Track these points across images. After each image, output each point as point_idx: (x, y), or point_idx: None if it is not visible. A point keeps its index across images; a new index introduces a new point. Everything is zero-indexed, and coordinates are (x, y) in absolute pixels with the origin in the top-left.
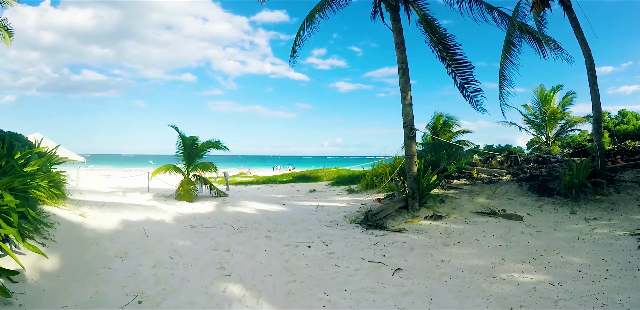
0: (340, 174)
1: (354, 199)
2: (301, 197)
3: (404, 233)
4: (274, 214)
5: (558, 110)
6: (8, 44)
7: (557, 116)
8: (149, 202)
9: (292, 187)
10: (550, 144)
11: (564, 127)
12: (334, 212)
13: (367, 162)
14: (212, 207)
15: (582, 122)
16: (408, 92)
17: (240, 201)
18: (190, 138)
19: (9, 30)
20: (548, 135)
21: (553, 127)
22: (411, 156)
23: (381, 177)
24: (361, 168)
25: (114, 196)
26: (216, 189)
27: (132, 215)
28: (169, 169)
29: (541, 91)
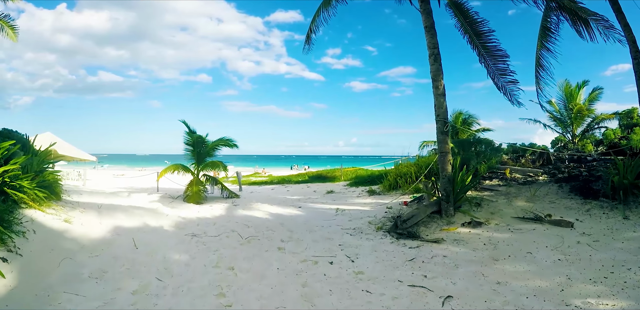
0: (358, 173)
1: (377, 201)
2: (318, 199)
3: (442, 244)
4: (289, 219)
5: (585, 107)
6: (14, 40)
7: (583, 113)
8: (152, 205)
9: (308, 188)
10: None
11: (590, 125)
12: (357, 217)
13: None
14: (220, 210)
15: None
16: (440, 80)
17: (252, 203)
18: (200, 135)
19: (12, 27)
20: (574, 133)
21: (579, 125)
22: (445, 154)
23: (405, 178)
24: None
25: (116, 197)
26: (227, 190)
27: (128, 220)
28: (177, 168)
29: (566, 87)
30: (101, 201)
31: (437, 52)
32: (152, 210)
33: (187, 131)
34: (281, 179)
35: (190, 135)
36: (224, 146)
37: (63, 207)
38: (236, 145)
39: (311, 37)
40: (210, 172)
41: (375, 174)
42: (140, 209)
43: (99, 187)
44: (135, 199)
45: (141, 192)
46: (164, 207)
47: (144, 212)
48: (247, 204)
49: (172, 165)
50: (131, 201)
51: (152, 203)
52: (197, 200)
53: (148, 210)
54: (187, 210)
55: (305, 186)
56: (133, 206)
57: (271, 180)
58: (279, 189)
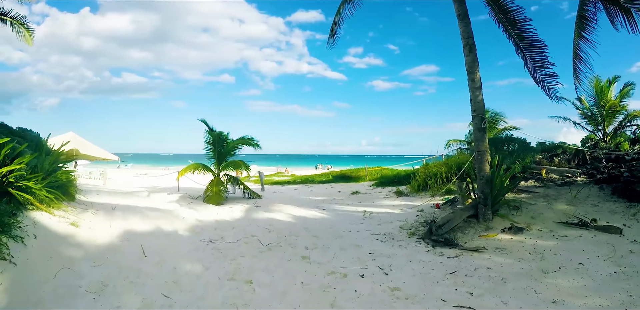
0: (383, 173)
1: (406, 203)
2: (343, 200)
3: (484, 253)
4: (313, 222)
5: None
6: (29, 43)
7: (616, 110)
8: (169, 206)
9: (332, 188)
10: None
11: (622, 123)
12: (386, 221)
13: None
14: (240, 212)
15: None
16: (476, 73)
17: (274, 204)
18: (220, 134)
19: (29, 29)
20: (605, 131)
21: (611, 123)
22: (483, 152)
23: (435, 178)
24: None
25: (134, 197)
26: (249, 190)
27: (141, 223)
28: (198, 168)
29: (596, 83)
30: (117, 202)
31: (472, 42)
32: (169, 212)
33: (207, 130)
34: (304, 179)
35: (210, 134)
36: (246, 145)
37: (75, 209)
38: (258, 145)
39: (335, 31)
40: (232, 172)
41: (401, 173)
42: (156, 211)
43: (120, 186)
44: (153, 200)
45: (161, 192)
46: (181, 208)
47: (160, 214)
48: (269, 205)
49: (192, 165)
50: (149, 202)
51: (170, 204)
52: (218, 200)
53: (164, 212)
54: (205, 212)
55: (329, 186)
56: (149, 207)
57: (294, 180)
58: (302, 189)
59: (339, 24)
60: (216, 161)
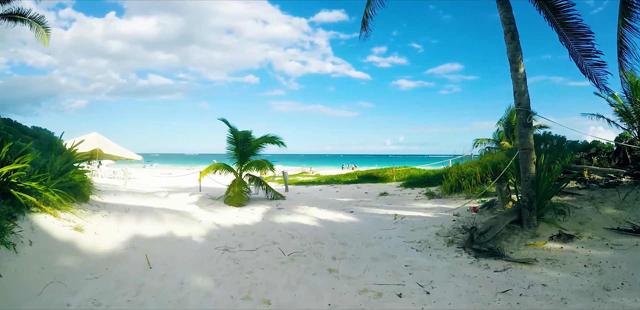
0: (411, 173)
1: (439, 206)
2: (371, 202)
3: (535, 266)
4: (340, 227)
5: None
6: (45, 43)
7: None
8: (187, 207)
9: (359, 189)
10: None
11: None
12: (420, 226)
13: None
14: (262, 214)
15: None
16: (520, 62)
17: (298, 206)
18: (243, 133)
19: (46, 28)
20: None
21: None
22: (528, 151)
23: (469, 179)
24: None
25: (153, 198)
26: (272, 191)
27: (153, 226)
28: (219, 168)
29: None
30: (133, 203)
31: (514, 29)
32: (185, 215)
33: (229, 129)
34: (329, 179)
35: (232, 133)
36: (269, 144)
37: (85, 211)
38: (282, 143)
39: (367, 23)
40: (255, 172)
41: (430, 174)
42: (172, 213)
43: (141, 186)
44: (172, 200)
45: (183, 192)
46: (199, 210)
47: (175, 217)
48: (293, 207)
49: (214, 165)
50: (167, 203)
51: (189, 205)
52: (239, 202)
53: (181, 214)
54: (225, 214)
55: (355, 187)
56: (165, 209)
57: (319, 180)
58: (328, 189)
59: (370, 15)
60: (238, 161)
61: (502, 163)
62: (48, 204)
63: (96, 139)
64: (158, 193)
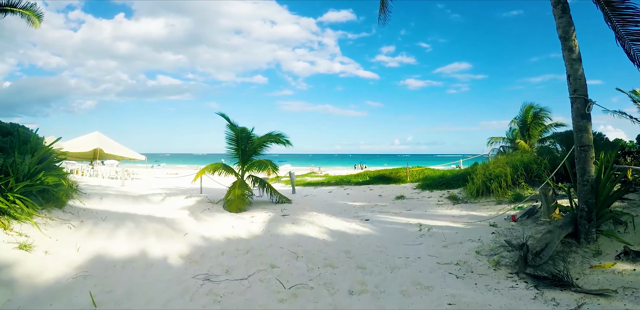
0: (426, 174)
1: (468, 213)
2: (388, 208)
3: (615, 299)
4: (356, 241)
5: None
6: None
7: None
8: (178, 214)
9: (371, 191)
10: None
11: None
12: (454, 241)
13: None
14: (263, 223)
15: None
16: (573, 39)
17: (305, 212)
18: (244, 130)
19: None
20: None
21: None
22: (587, 148)
23: (499, 180)
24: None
25: (144, 202)
26: (277, 194)
27: (126, 243)
28: (218, 168)
29: None
30: (118, 208)
31: (565, 1)
32: (171, 225)
33: (228, 125)
34: (339, 180)
35: (232, 129)
36: (274, 143)
37: (52, 220)
38: (288, 142)
39: (386, 4)
40: (259, 173)
41: (447, 174)
42: (156, 222)
43: (139, 188)
44: (165, 205)
45: (181, 194)
46: (190, 218)
47: (158, 228)
48: (300, 214)
49: (212, 165)
50: (156, 208)
51: (181, 211)
52: (240, 206)
53: (166, 223)
54: (218, 223)
55: (367, 188)
56: (150, 217)
57: (328, 181)
58: (338, 191)
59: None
60: (240, 161)
61: (534, 163)
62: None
63: (97, 138)
64: (153, 196)
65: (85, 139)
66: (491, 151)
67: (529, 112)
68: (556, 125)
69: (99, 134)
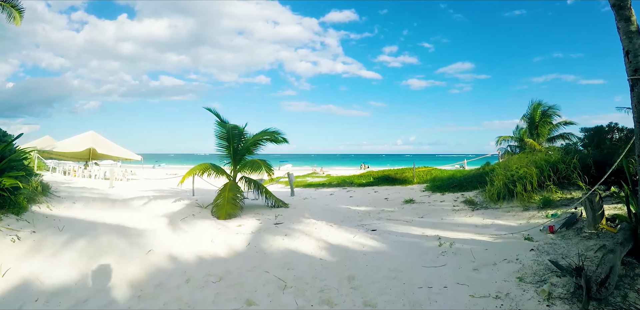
0: (434, 175)
1: (492, 222)
2: (397, 214)
3: None
4: (362, 262)
5: None
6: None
7: None
8: (154, 223)
9: (376, 193)
10: None
11: None
12: (485, 262)
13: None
14: (250, 235)
15: None
16: (629, 8)
17: (302, 220)
18: (235, 127)
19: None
20: None
21: None
22: None
23: (523, 182)
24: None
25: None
26: (272, 198)
27: (69, 264)
28: (207, 169)
29: None
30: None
31: None
32: (137, 237)
33: (217, 121)
34: (341, 181)
35: (222, 126)
36: (270, 141)
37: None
38: (285, 140)
39: None
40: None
41: (456, 175)
42: (120, 234)
43: (127, 190)
44: (146, 210)
45: (170, 197)
46: (164, 228)
47: (119, 242)
48: (295, 222)
49: (200, 166)
50: (133, 215)
51: (159, 219)
52: (229, 211)
53: (133, 235)
54: (197, 235)
55: (371, 190)
56: (119, 227)
57: (329, 182)
58: (340, 193)
59: None
60: (232, 161)
61: (560, 162)
62: None
63: (91, 138)
64: (137, 199)
65: (79, 139)
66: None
67: (537, 110)
68: (565, 124)
69: (93, 133)
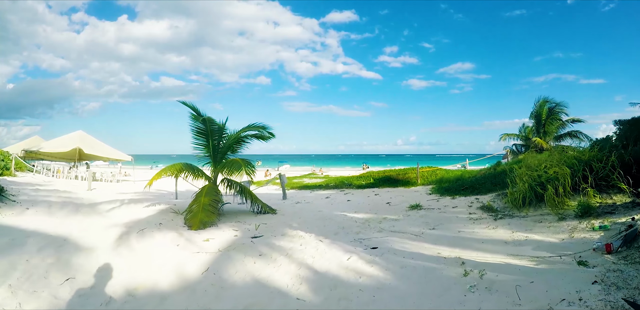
0: (439, 175)
1: (526, 236)
2: (402, 224)
3: None
4: (357, 304)
5: None
6: None
7: None
8: (100, 235)
9: (377, 196)
10: None
11: None
12: (538, 305)
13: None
14: (214, 256)
15: None
16: None
17: (287, 232)
18: (211, 120)
19: None
20: None
21: None
22: None
23: (554, 185)
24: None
25: (77, 215)
26: (259, 203)
27: None
28: (181, 170)
29: None
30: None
31: None
32: (68, 254)
33: (192, 115)
34: (339, 182)
35: (196, 119)
36: (256, 138)
37: None
38: (271, 134)
39: None
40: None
41: (464, 176)
42: (51, 251)
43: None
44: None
45: (149, 200)
46: (111, 242)
47: (40, 263)
48: (278, 235)
49: (173, 166)
50: (87, 224)
51: (113, 230)
52: (204, 220)
53: (65, 252)
54: (145, 255)
55: (371, 193)
56: (58, 239)
57: (327, 184)
58: (337, 196)
59: None
60: (212, 160)
61: (595, 160)
62: None
63: (79, 137)
64: (105, 204)
65: (65, 139)
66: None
67: (544, 108)
68: (573, 122)
69: (81, 133)
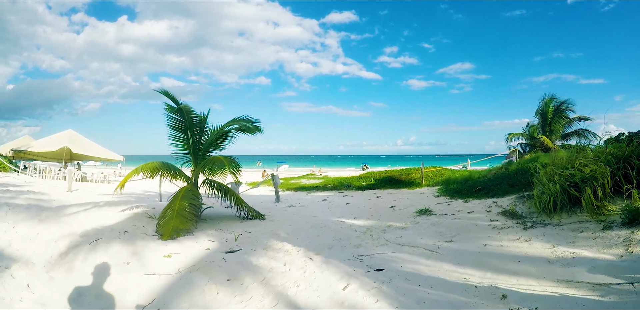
0: (445, 175)
1: (573, 252)
2: (410, 234)
3: None
4: None
5: None
6: None
7: None
8: (41, 249)
9: (379, 199)
10: None
11: None
12: None
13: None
14: (168, 280)
15: None
16: None
17: (271, 245)
18: (189, 110)
19: None
20: None
21: None
22: None
23: (591, 185)
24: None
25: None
26: (245, 207)
27: None
28: (156, 170)
29: None
30: None
31: None
32: None
33: (167, 106)
34: (338, 183)
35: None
36: (241, 131)
37: None
38: (258, 128)
39: None
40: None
41: (473, 176)
42: None
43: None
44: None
45: (126, 203)
46: (43, 262)
47: None
48: (259, 249)
49: (147, 165)
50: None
51: (60, 241)
52: (179, 227)
53: None
54: (76, 281)
55: (372, 195)
56: None
57: (325, 185)
58: (334, 199)
59: None
60: (192, 159)
61: (633, 156)
62: None
63: (67, 136)
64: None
65: (53, 138)
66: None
67: (550, 106)
68: (580, 120)
69: (71, 132)
